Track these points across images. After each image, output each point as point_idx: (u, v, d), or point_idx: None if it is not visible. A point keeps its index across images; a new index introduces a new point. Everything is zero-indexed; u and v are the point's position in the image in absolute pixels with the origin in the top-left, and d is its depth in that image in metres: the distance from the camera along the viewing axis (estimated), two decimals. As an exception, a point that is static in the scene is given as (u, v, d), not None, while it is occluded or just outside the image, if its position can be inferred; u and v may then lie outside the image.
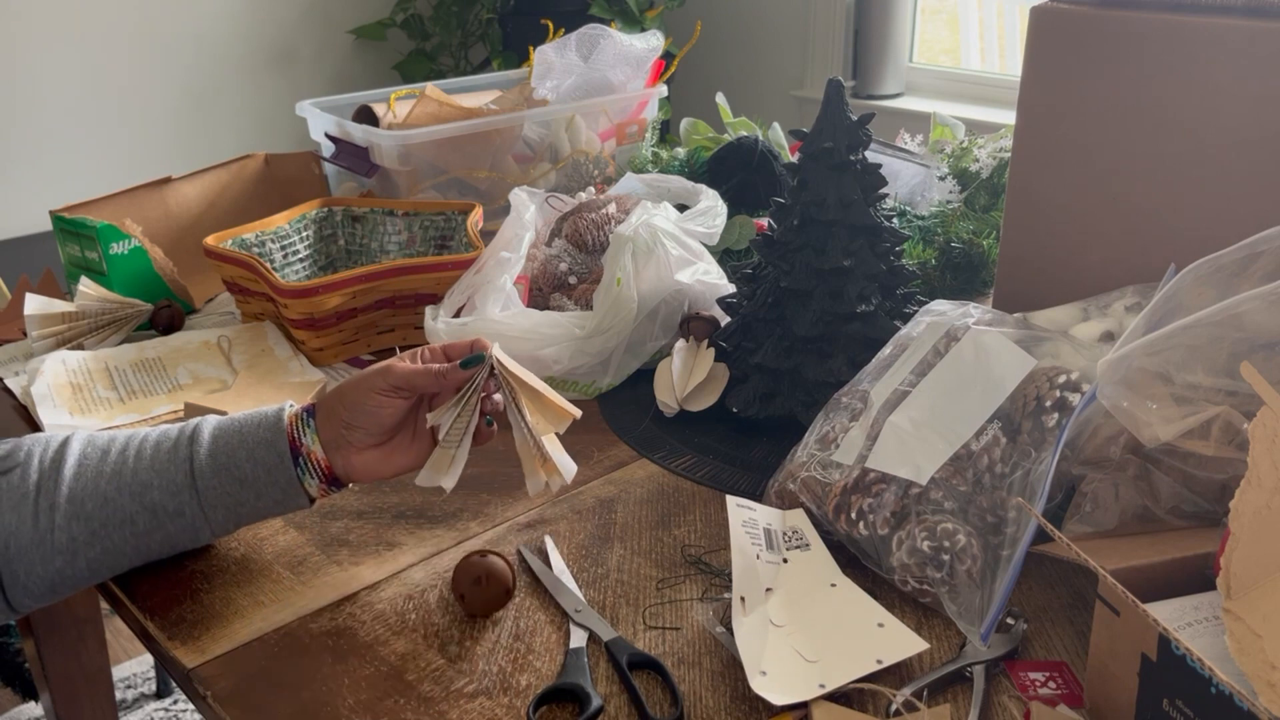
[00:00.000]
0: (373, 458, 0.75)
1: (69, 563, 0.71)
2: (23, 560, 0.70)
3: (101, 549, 0.72)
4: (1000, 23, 3.01)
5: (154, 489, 0.72)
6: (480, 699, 0.66)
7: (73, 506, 0.71)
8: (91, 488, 0.71)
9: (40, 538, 0.70)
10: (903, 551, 0.72)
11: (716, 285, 1.05)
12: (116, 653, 2.01)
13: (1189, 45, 0.86)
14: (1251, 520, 0.56)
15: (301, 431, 0.74)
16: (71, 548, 0.71)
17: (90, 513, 0.71)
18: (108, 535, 0.71)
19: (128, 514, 0.72)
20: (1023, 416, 0.75)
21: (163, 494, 0.72)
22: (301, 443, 0.74)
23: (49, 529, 0.70)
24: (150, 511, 0.72)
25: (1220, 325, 0.66)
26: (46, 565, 0.70)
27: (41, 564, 0.70)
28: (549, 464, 0.76)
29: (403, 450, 0.76)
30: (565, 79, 1.44)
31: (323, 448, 0.74)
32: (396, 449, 0.76)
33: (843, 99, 0.91)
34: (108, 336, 1.11)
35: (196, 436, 0.74)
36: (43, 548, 0.70)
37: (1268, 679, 0.51)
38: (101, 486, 0.72)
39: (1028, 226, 1.00)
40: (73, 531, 0.71)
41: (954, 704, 0.64)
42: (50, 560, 0.70)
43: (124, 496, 0.72)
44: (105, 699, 1.32)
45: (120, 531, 0.72)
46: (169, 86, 2.87)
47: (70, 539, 0.70)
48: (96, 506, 0.71)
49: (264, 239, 1.16)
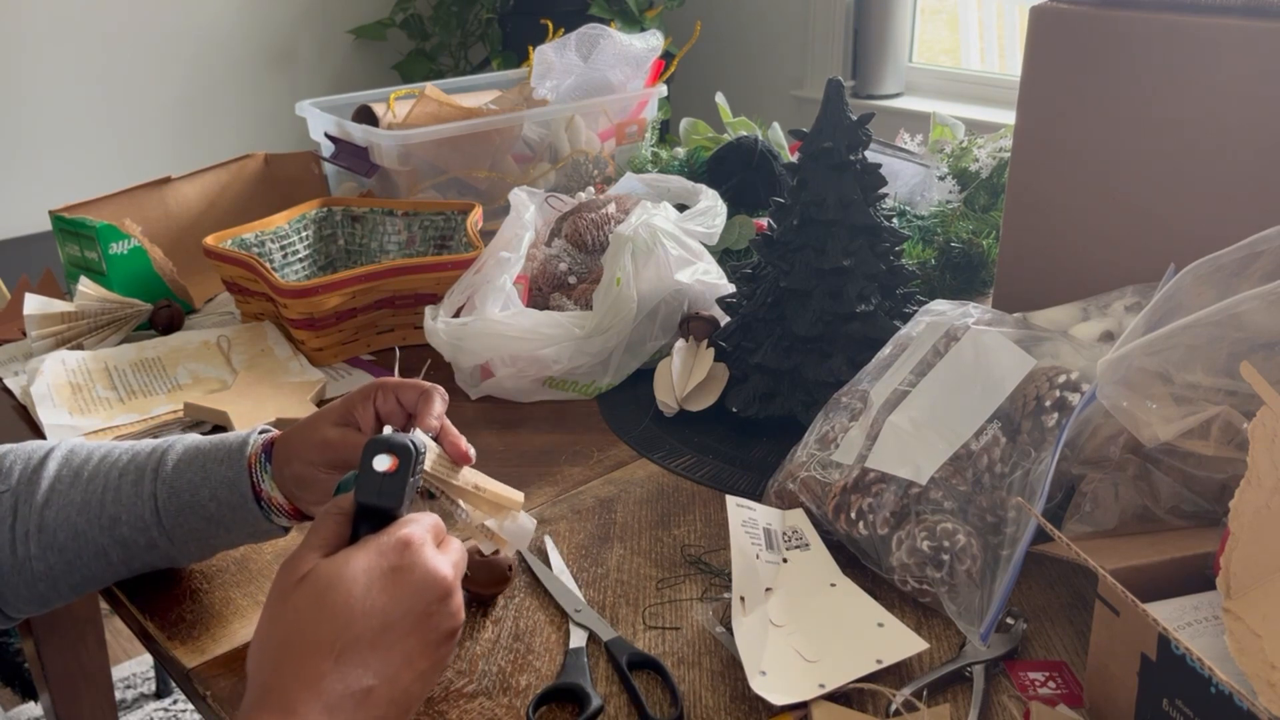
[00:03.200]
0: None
1: (51, 587, 0.70)
2: (7, 583, 0.69)
3: (81, 576, 0.70)
4: (1000, 23, 3.01)
5: (122, 524, 0.69)
6: (480, 699, 0.66)
7: (45, 536, 0.69)
8: (63, 518, 0.69)
9: (19, 564, 0.69)
10: (902, 551, 0.72)
11: (716, 285, 1.05)
12: (116, 653, 2.01)
13: (1189, 45, 0.86)
14: (1251, 520, 0.56)
15: (260, 476, 0.70)
16: (50, 575, 0.69)
17: (63, 544, 0.69)
18: (84, 565, 0.70)
19: (100, 547, 0.70)
20: (1022, 416, 0.75)
21: (132, 530, 0.70)
22: (261, 488, 0.70)
23: (26, 558, 0.69)
24: (122, 545, 0.70)
25: (1220, 325, 0.66)
26: (30, 589, 0.70)
27: (26, 587, 0.70)
28: (497, 538, 0.69)
29: None
30: (565, 79, 1.44)
31: (283, 494, 0.70)
32: None
33: (843, 99, 0.91)
34: (107, 336, 1.11)
35: (160, 469, 0.70)
36: (23, 574, 0.69)
37: (1268, 679, 0.51)
38: (72, 518, 0.69)
39: (1028, 226, 1.00)
40: (49, 561, 0.69)
41: (954, 704, 0.64)
42: (33, 585, 0.70)
43: (94, 530, 0.69)
44: (105, 699, 1.32)
45: (96, 562, 0.70)
46: (169, 86, 2.87)
47: (48, 567, 0.69)
48: (69, 538, 0.69)
49: (264, 239, 1.16)
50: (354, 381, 1.06)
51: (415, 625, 0.53)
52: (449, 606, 0.54)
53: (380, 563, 0.53)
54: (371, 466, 0.57)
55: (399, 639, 0.52)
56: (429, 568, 0.53)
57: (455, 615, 0.55)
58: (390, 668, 0.51)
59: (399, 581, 0.53)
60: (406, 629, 0.53)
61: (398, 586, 0.53)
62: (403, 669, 0.52)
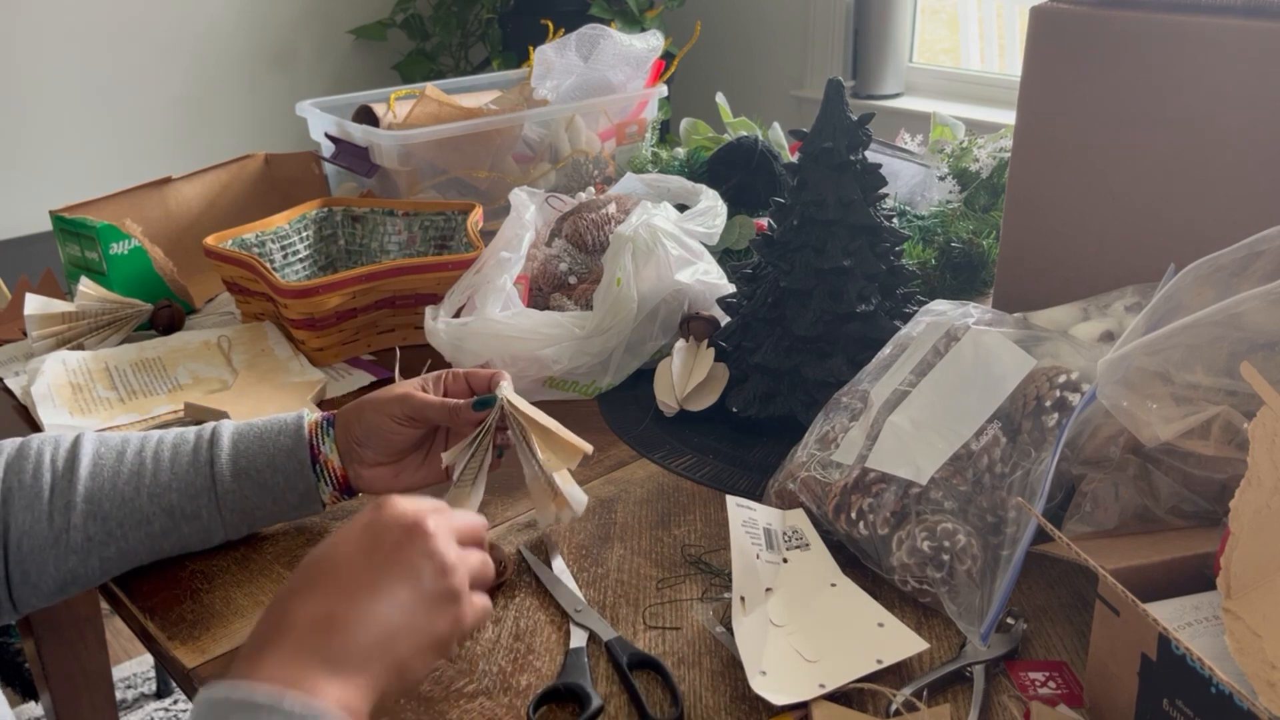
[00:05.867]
0: (383, 474, 0.78)
1: (82, 562, 0.72)
2: (35, 559, 0.71)
3: (116, 549, 0.73)
4: (1000, 23, 3.01)
5: (173, 491, 0.73)
6: (480, 699, 0.66)
7: (90, 506, 0.72)
8: (109, 488, 0.72)
9: (55, 537, 0.71)
10: (903, 551, 0.72)
11: (716, 285, 1.05)
12: (116, 653, 2.01)
13: (1189, 45, 0.86)
14: (1251, 520, 0.56)
15: (321, 439, 0.77)
16: (87, 547, 0.72)
17: (108, 512, 0.72)
18: (124, 535, 0.73)
19: (145, 515, 0.73)
20: (1023, 416, 0.75)
21: (182, 497, 0.74)
22: (320, 450, 0.77)
23: (64, 528, 0.71)
24: (168, 513, 0.74)
25: (1220, 325, 0.66)
26: (60, 564, 0.71)
27: (55, 563, 0.71)
28: (560, 498, 0.78)
29: (412, 470, 0.79)
30: (565, 79, 1.44)
31: (339, 457, 0.77)
32: (406, 468, 0.79)
33: (843, 99, 0.91)
34: (108, 336, 1.11)
35: (216, 440, 0.76)
36: (57, 547, 0.71)
37: (1268, 679, 0.51)
38: (120, 487, 0.73)
39: (1028, 226, 1.00)
40: (89, 531, 0.71)
41: (954, 704, 0.64)
42: (64, 559, 0.71)
43: (142, 498, 0.73)
44: (105, 699, 1.32)
45: (137, 532, 0.73)
46: (169, 86, 2.87)
47: (86, 538, 0.71)
48: (114, 506, 0.72)
49: (264, 239, 1.16)
50: (354, 382, 1.06)
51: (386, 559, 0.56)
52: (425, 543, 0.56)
53: (355, 522, 0.58)
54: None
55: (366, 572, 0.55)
56: (395, 512, 0.58)
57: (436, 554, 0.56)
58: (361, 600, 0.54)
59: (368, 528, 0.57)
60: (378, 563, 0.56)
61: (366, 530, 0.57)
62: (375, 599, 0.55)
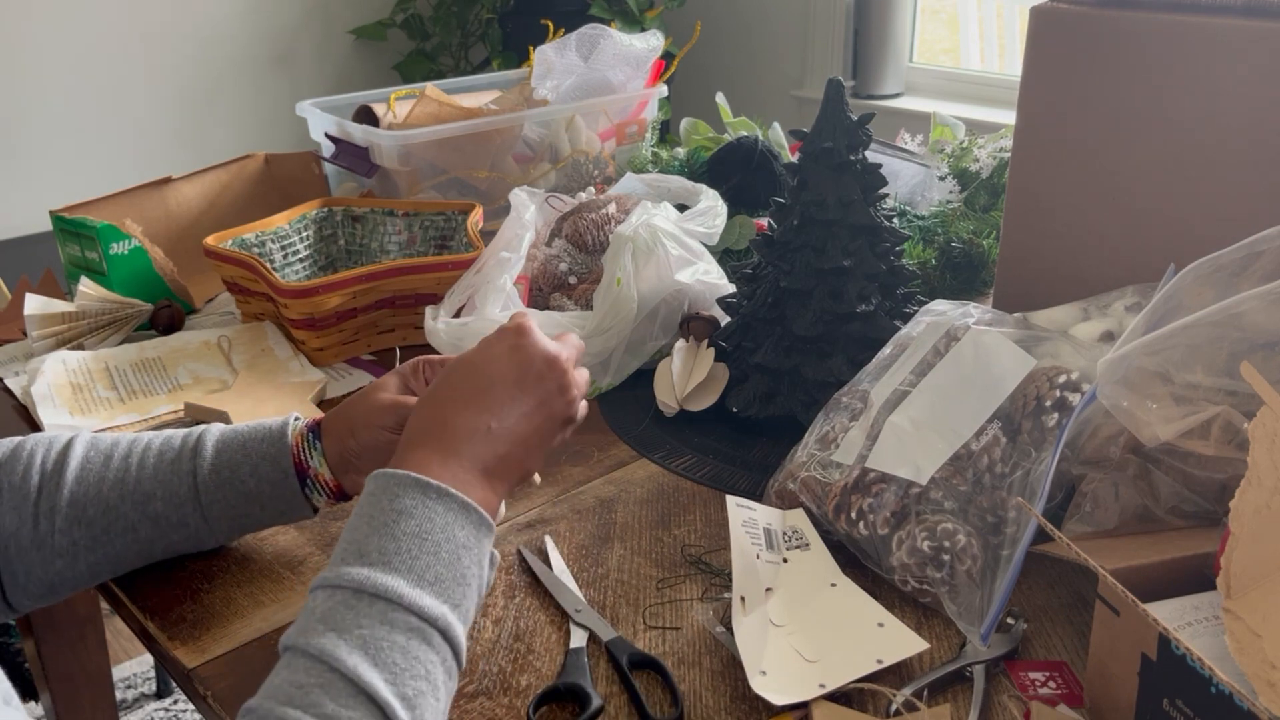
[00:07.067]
0: None
1: (69, 565, 0.71)
2: (22, 561, 0.70)
3: (103, 554, 0.72)
4: (1000, 23, 3.01)
5: (157, 499, 0.72)
6: (480, 699, 0.66)
7: (74, 510, 0.71)
8: (94, 493, 0.71)
9: (40, 540, 0.70)
10: (903, 551, 0.72)
11: (716, 285, 1.05)
12: (116, 653, 2.01)
13: (1189, 45, 0.86)
14: (1251, 520, 0.56)
15: (308, 454, 0.74)
16: (72, 551, 0.71)
17: (92, 518, 0.71)
18: (109, 542, 0.71)
19: (130, 522, 0.72)
20: (1023, 416, 0.75)
21: (166, 505, 0.72)
22: (309, 465, 0.74)
23: (49, 532, 0.70)
24: (153, 521, 0.72)
25: (1220, 325, 0.66)
26: (46, 567, 0.70)
27: (41, 566, 0.70)
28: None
29: None
30: (565, 79, 1.44)
31: (330, 469, 0.75)
32: None
33: (843, 99, 0.91)
34: (108, 336, 1.11)
35: (200, 448, 0.74)
36: (42, 550, 0.70)
37: (1268, 679, 0.51)
38: (104, 493, 0.71)
39: (1028, 226, 1.00)
40: (74, 536, 0.70)
41: (954, 704, 0.64)
42: (50, 562, 0.70)
43: (126, 505, 0.72)
44: (105, 699, 1.32)
45: (122, 539, 0.72)
46: (169, 86, 2.87)
47: (71, 543, 0.70)
48: (99, 513, 0.71)
49: (264, 239, 1.16)
50: (355, 382, 1.06)
51: (533, 387, 0.67)
52: (561, 378, 0.68)
53: (501, 343, 0.68)
54: None
55: (518, 395, 0.67)
56: (539, 345, 0.68)
57: (568, 388, 0.68)
58: (510, 417, 0.66)
59: (516, 353, 0.68)
60: (527, 389, 0.67)
61: (514, 355, 0.68)
62: (520, 420, 0.66)
